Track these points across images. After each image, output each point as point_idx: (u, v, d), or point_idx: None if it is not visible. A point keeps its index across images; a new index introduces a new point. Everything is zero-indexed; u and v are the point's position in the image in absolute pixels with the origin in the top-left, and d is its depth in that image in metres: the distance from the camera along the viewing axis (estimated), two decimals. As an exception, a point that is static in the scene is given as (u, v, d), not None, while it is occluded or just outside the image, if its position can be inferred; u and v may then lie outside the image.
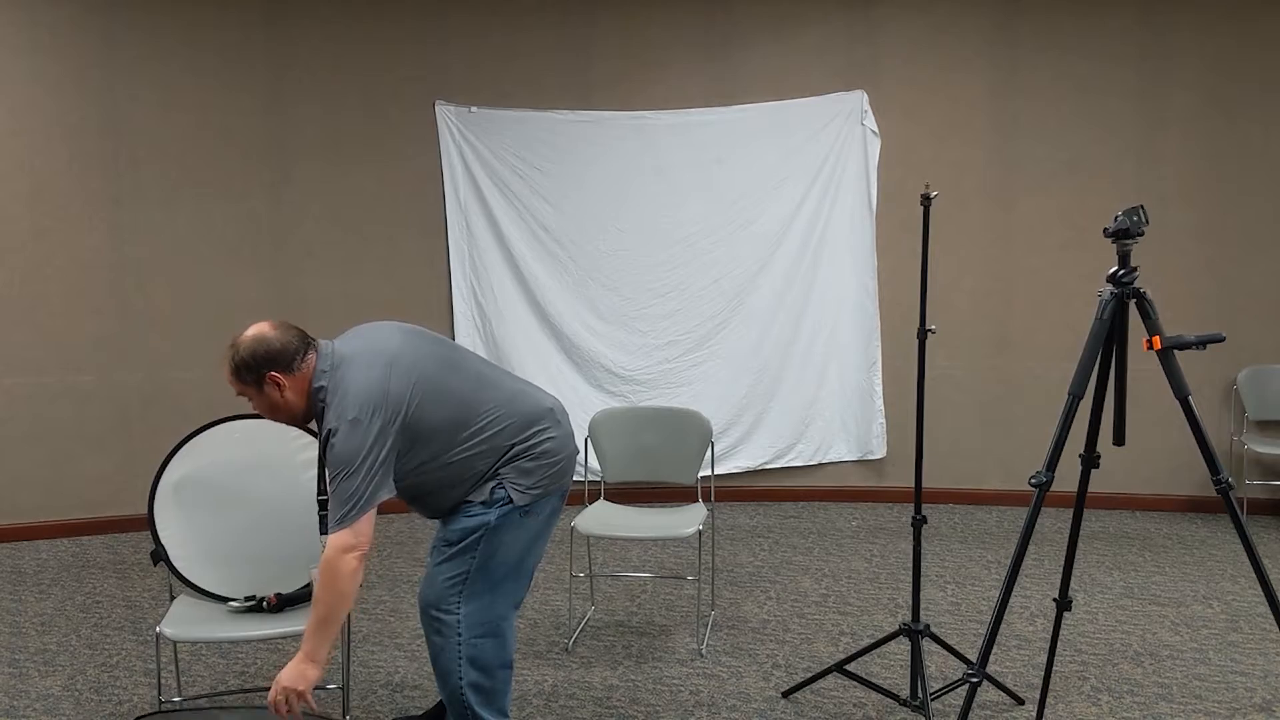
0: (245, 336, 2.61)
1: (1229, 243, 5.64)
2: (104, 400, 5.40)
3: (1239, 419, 5.64)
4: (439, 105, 5.71)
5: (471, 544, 2.66)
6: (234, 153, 5.52)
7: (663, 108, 5.79)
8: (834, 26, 5.81)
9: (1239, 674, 3.54)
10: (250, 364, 2.59)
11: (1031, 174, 5.74)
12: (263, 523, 3.10)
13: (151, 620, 4.00)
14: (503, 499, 2.66)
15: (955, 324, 5.65)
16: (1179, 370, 2.44)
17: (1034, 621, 4.03)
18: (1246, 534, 2.39)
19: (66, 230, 5.29)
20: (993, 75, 5.74)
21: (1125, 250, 2.53)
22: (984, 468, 5.85)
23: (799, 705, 3.30)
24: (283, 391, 2.60)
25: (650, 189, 5.83)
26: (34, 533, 5.28)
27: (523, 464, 2.69)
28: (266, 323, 2.65)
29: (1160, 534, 5.32)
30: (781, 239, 5.84)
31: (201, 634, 2.97)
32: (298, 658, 2.47)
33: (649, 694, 3.40)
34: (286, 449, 3.15)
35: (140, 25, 5.35)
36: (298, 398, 2.61)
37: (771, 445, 5.96)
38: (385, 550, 5.09)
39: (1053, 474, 2.48)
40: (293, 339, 2.64)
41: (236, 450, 3.16)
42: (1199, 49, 5.57)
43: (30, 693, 3.43)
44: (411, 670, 3.61)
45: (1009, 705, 3.28)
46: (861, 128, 5.79)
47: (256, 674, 3.59)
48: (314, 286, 5.64)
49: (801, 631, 3.96)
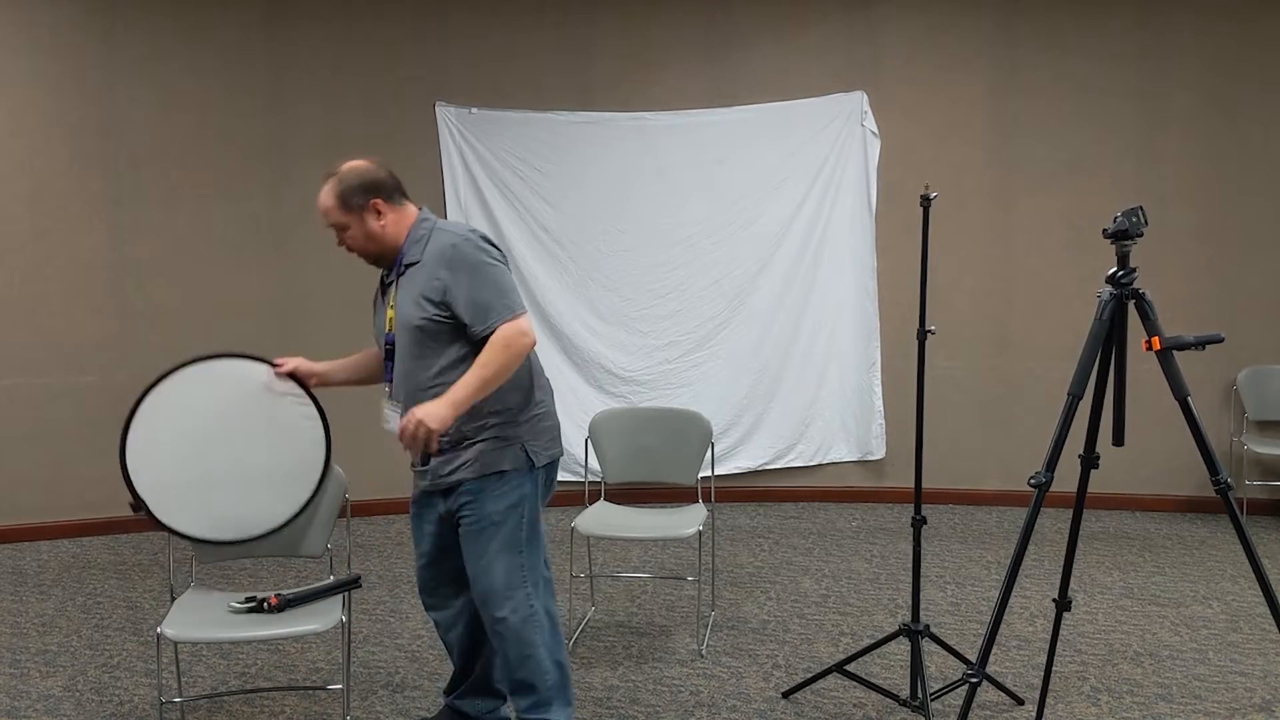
0: (347, 167, 2.72)
1: (1228, 243, 5.64)
2: (105, 401, 5.40)
3: (1239, 419, 5.65)
4: (439, 106, 5.71)
5: (517, 518, 2.74)
6: (234, 153, 5.52)
7: (663, 108, 5.79)
8: (834, 27, 5.82)
9: (1239, 674, 3.54)
10: (358, 189, 2.67)
11: (1031, 174, 5.74)
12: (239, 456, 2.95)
13: (152, 621, 4.01)
14: (527, 464, 2.74)
15: (955, 324, 5.66)
16: (1178, 371, 2.44)
17: (1034, 622, 4.03)
18: (1246, 534, 2.39)
19: (67, 231, 5.30)
20: (993, 76, 5.74)
21: (1125, 251, 2.53)
22: (984, 468, 5.85)
23: (799, 705, 3.31)
24: (382, 221, 2.69)
25: (650, 190, 5.83)
26: (35, 533, 5.29)
27: (539, 424, 2.79)
28: (361, 160, 2.77)
29: (1160, 534, 5.32)
30: (782, 240, 5.84)
31: (202, 635, 2.98)
32: (441, 400, 2.55)
33: (649, 694, 3.40)
34: (248, 387, 3.00)
35: (140, 26, 5.35)
36: (396, 231, 2.71)
37: (771, 446, 5.96)
38: (385, 551, 5.10)
39: (1052, 474, 2.49)
40: (391, 176, 2.75)
41: (199, 388, 2.97)
42: (1199, 49, 5.58)
43: (31, 693, 3.43)
44: (412, 671, 3.61)
45: (1009, 705, 3.28)
46: (861, 128, 5.79)
47: (257, 674, 3.59)
48: (314, 286, 5.64)
49: (801, 632, 3.97)
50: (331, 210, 2.69)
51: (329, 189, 2.69)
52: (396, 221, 2.72)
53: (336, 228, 2.71)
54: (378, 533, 5.40)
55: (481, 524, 2.73)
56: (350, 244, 2.74)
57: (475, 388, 2.57)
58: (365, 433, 5.54)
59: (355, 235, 2.71)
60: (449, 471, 2.73)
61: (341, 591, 3.05)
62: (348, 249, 2.77)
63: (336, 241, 2.76)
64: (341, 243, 2.75)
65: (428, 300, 2.63)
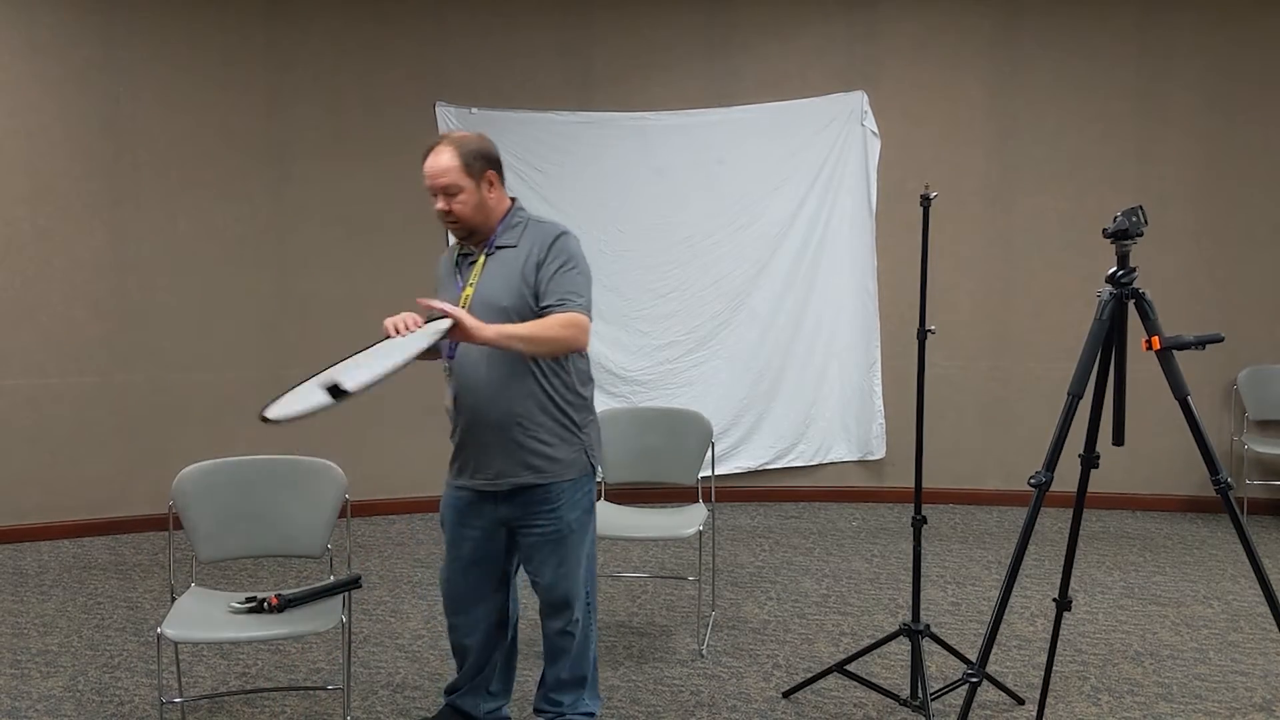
0: (462, 135, 2.75)
1: (1228, 243, 5.64)
2: (106, 401, 5.41)
3: (1239, 419, 5.65)
4: (439, 107, 5.70)
5: (590, 524, 2.86)
6: (234, 153, 5.52)
7: (663, 108, 5.79)
8: (834, 27, 5.82)
9: (1239, 674, 3.54)
10: (480, 155, 2.69)
11: (1031, 174, 5.74)
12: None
13: (153, 621, 4.00)
14: (590, 468, 2.82)
15: (955, 324, 5.66)
16: (1178, 370, 2.44)
17: (1034, 621, 4.03)
18: (1246, 534, 2.39)
19: (68, 231, 5.30)
20: (993, 75, 5.74)
21: (1124, 251, 2.54)
22: (984, 468, 5.85)
23: (799, 705, 3.31)
24: (493, 193, 2.72)
25: (650, 189, 5.83)
26: (36, 534, 5.28)
27: (594, 428, 2.85)
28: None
29: (1160, 534, 5.32)
30: (782, 239, 5.84)
31: (203, 635, 2.98)
32: (491, 325, 2.49)
33: (649, 694, 3.40)
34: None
35: (141, 26, 5.35)
36: (498, 209, 2.75)
37: (772, 446, 5.96)
38: (385, 551, 5.10)
39: (1052, 474, 2.49)
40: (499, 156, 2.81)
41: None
42: (1199, 49, 5.58)
43: (32, 694, 3.43)
44: (412, 671, 3.61)
45: (1009, 705, 3.28)
46: (861, 128, 5.79)
47: (258, 675, 3.59)
48: (314, 286, 5.65)
49: (802, 632, 3.97)
50: (452, 170, 2.65)
51: (449, 151, 2.66)
52: (499, 200, 2.74)
53: (449, 191, 2.66)
54: (378, 533, 5.40)
55: (562, 531, 2.77)
56: (459, 210, 2.67)
57: (524, 335, 2.53)
58: (365, 433, 5.56)
59: (467, 201, 2.67)
60: (524, 472, 2.70)
61: (342, 592, 3.05)
62: (448, 217, 2.70)
63: (441, 207, 2.68)
64: (447, 209, 2.68)
65: (525, 284, 2.66)
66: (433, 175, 2.67)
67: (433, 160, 2.68)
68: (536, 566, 2.81)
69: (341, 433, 5.56)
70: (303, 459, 3.26)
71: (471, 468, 2.77)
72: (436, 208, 2.70)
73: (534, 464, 2.72)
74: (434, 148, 2.71)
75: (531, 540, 2.79)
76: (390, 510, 5.68)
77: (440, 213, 2.70)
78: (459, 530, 2.86)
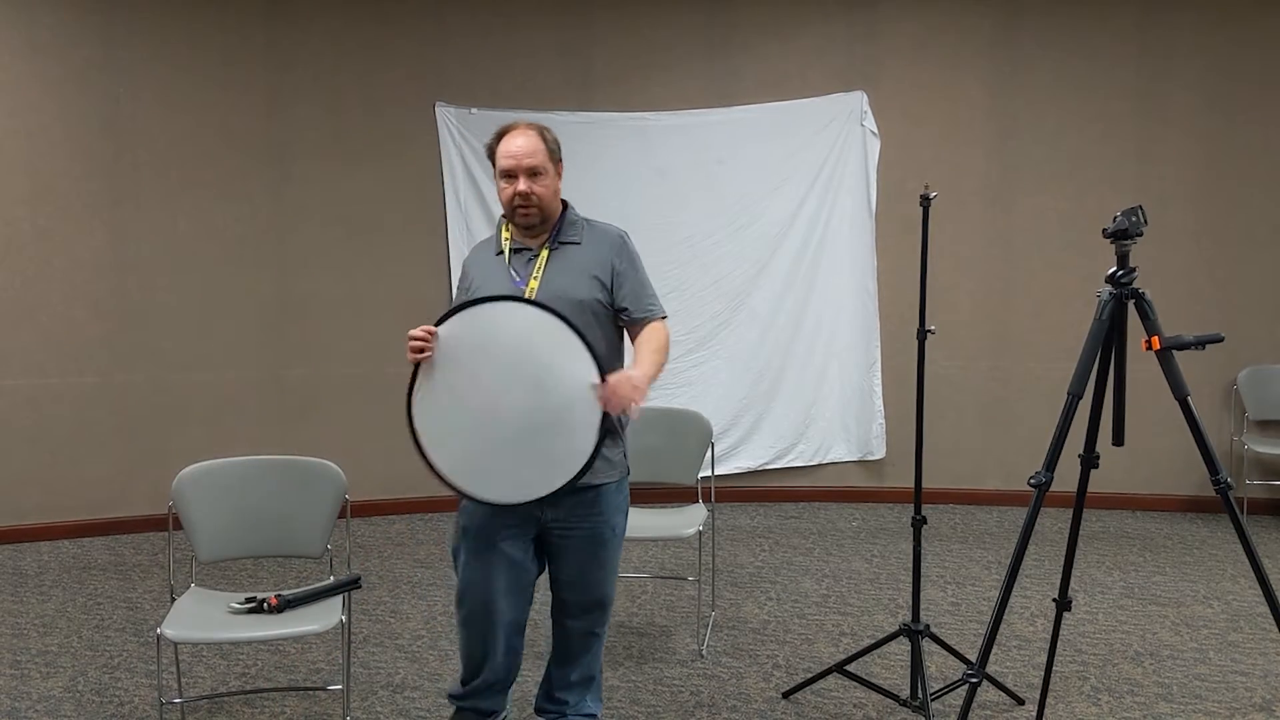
0: (538, 123, 2.73)
1: (1228, 243, 5.64)
2: (106, 401, 5.40)
3: (1239, 419, 5.65)
4: (439, 107, 5.71)
5: (624, 523, 2.85)
6: (234, 153, 5.52)
7: (663, 109, 5.79)
8: (834, 27, 5.82)
9: (1239, 674, 3.54)
10: (558, 147, 2.73)
11: (1031, 174, 5.74)
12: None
13: (153, 622, 4.00)
14: (628, 469, 2.83)
15: (955, 324, 5.66)
16: (1178, 370, 2.44)
17: (1034, 622, 4.03)
18: (1246, 534, 2.39)
19: (68, 231, 5.30)
20: (993, 76, 5.74)
21: (1124, 251, 2.53)
22: (984, 468, 5.85)
23: (799, 706, 3.31)
24: (559, 185, 2.74)
25: (650, 190, 5.83)
26: (35, 534, 5.28)
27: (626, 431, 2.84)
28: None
29: (1160, 534, 5.32)
30: (782, 239, 5.84)
31: (202, 635, 2.98)
32: (637, 370, 2.57)
33: (649, 695, 3.40)
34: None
35: (141, 26, 5.35)
36: (559, 202, 2.77)
37: (772, 446, 5.96)
38: (385, 551, 5.10)
39: (1052, 474, 2.49)
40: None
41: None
42: (1199, 49, 5.58)
43: (32, 694, 3.43)
44: (412, 671, 3.61)
45: (1009, 705, 3.28)
46: (861, 128, 5.79)
47: (258, 675, 3.59)
48: (314, 286, 5.65)
49: (802, 632, 3.97)
50: (540, 152, 2.65)
51: (534, 133, 2.66)
52: (559, 194, 2.75)
53: (534, 172, 2.64)
54: (377, 533, 5.40)
55: (606, 534, 2.77)
56: (540, 193, 2.65)
57: (660, 364, 2.63)
58: (365, 433, 5.56)
59: (548, 186, 2.68)
60: (586, 473, 2.60)
61: (341, 592, 3.05)
62: (526, 201, 2.64)
63: (522, 189, 2.62)
64: (529, 192, 2.63)
65: (597, 280, 2.69)
66: (522, 154, 2.63)
67: (522, 140, 2.64)
68: (576, 568, 2.77)
69: (341, 433, 5.57)
70: (302, 459, 3.26)
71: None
72: (516, 189, 2.63)
73: (600, 464, 2.67)
74: (513, 129, 2.67)
75: (573, 542, 2.74)
76: (390, 510, 5.68)
77: (518, 195, 2.64)
78: (491, 541, 2.72)
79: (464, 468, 2.57)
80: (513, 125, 2.69)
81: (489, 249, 2.79)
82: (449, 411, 2.56)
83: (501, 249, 2.74)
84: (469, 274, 2.79)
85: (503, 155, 2.65)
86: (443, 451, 2.57)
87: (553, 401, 2.53)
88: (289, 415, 5.59)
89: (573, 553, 2.76)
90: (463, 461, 2.57)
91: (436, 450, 2.57)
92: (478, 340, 2.55)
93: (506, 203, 2.68)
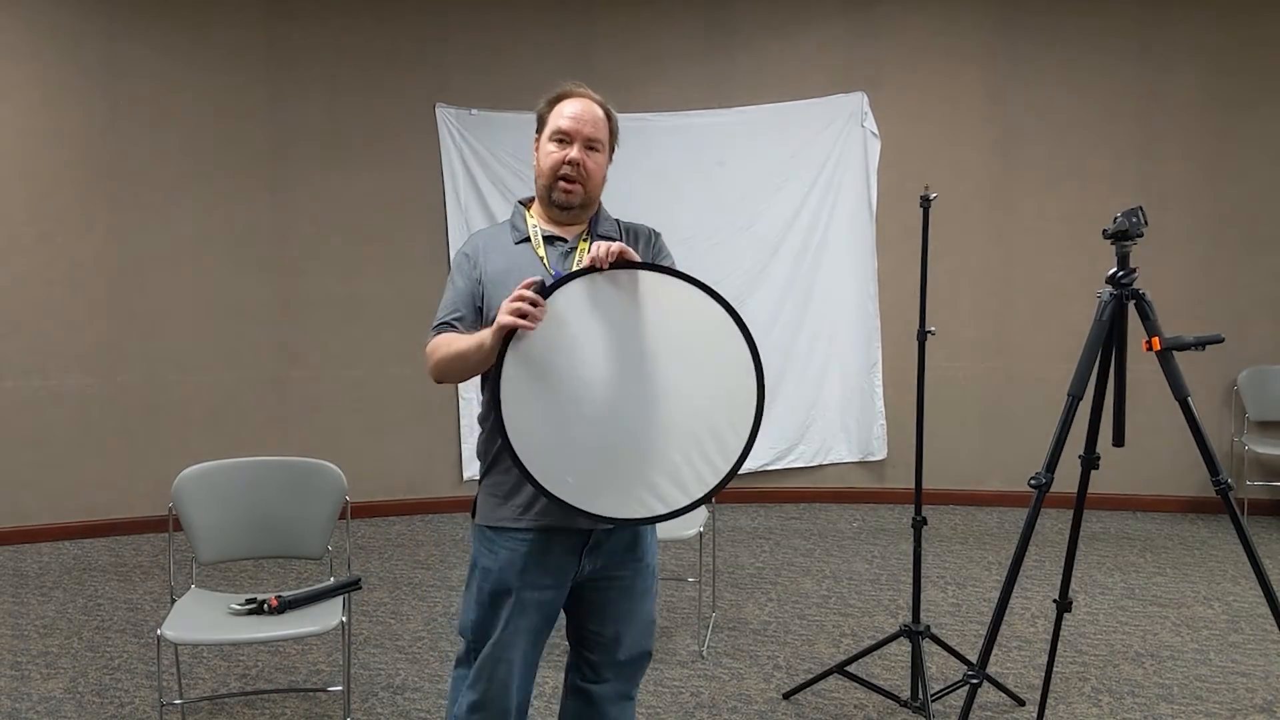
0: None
1: (1229, 243, 5.64)
2: (105, 403, 5.40)
3: (1239, 420, 5.64)
4: (439, 108, 5.71)
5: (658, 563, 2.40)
6: (234, 154, 5.52)
7: (663, 109, 5.79)
8: (834, 28, 5.82)
9: (1240, 675, 3.54)
10: (618, 134, 2.31)
11: (1031, 175, 5.74)
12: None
13: (153, 623, 4.00)
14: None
15: (955, 325, 5.66)
16: (1178, 371, 2.44)
17: (1034, 622, 4.03)
18: (1247, 535, 2.39)
19: (68, 233, 5.30)
20: (993, 76, 5.74)
21: (1125, 251, 2.53)
22: (984, 469, 5.85)
23: (800, 707, 3.31)
24: (607, 171, 2.32)
25: (650, 191, 5.82)
26: (36, 535, 5.28)
27: None
28: None
29: (1160, 535, 5.32)
30: (782, 241, 5.84)
31: (203, 636, 2.98)
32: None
33: (650, 695, 3.40)
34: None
35: (141, 26, 5.35)
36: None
37: (772, 447, 5.96)
38: (386, 553, 5.10)
39: (1052, 475, 2.48)
40: None
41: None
42: (1199, 50, 5.58)
43: (32, 695, 3.43)
44: (412, 673, 3.61)
45: (1010, 706, 3.28)
46: (862, 129, 5.79)
47: (258, 676, 3.59)
48: (314, 287, 5.65)
49: (802, 633, 3.96)
50: (603, 125, 2.23)
51: (598, 104, 2.24)
52: (605, 182, 2.32)
53: (593, 145, 2.20)
54: (378, 534, 5.40)
55: (649, 578, 2.30)
56: (593, 168, 2.21)
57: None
58: (365, 434, 5.56)
59: (601, 164, 2.25)
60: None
61: (342, 593, 3.05)
62: (575, 173, 2.19)
63: (575, 157, 2.19)
64: (581, 164, 2.19)
65: None
66: (584, 120, 2.20)
67: (585, 106, 2.21)
68: (615, 625, 2.27)
69: (341, 434, 5.58)
70: (302, 460, 3.26)
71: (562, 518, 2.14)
72: (569, 155, 2.18)
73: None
74: (576, 94, 2.24)
75: (614, 594, 2.25)
76: (390, 512, 5.68)
77: (569, 165, 2.18)
78: (525, 592, 2.18)
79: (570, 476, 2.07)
80: (574, 89, 2.25)
81: (502, 236, 2.29)
82: (553, 402, 2.05)
83: (528, 235, 2.26)
84: (479, 263, 2.25)
85: (561, 115, 2.20)
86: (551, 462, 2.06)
87: (706, 390, 2.12)
88: (289, 416, 5.59)
89: (613, 605, 2.26)
90: (567, 466, 2.06)
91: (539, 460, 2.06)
92: (610, 315, 2.09)
93: (550, 170, 2.19)
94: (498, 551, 2.19)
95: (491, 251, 2.27)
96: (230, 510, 3.15)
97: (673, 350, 2.12)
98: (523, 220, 2.29)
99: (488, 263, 2.25)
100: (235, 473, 3.20)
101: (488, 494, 2.23)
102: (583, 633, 2.30)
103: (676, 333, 2.14)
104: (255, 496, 3.18)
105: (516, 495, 2.17)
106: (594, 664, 2.32)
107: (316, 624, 2.91)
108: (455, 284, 2.28)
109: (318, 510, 3.15)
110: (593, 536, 2.18)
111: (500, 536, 2.19)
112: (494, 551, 2.20)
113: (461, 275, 2.27)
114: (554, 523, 2.14)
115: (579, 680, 2.34)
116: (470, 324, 2.21)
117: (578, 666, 2.35)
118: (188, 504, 3.10)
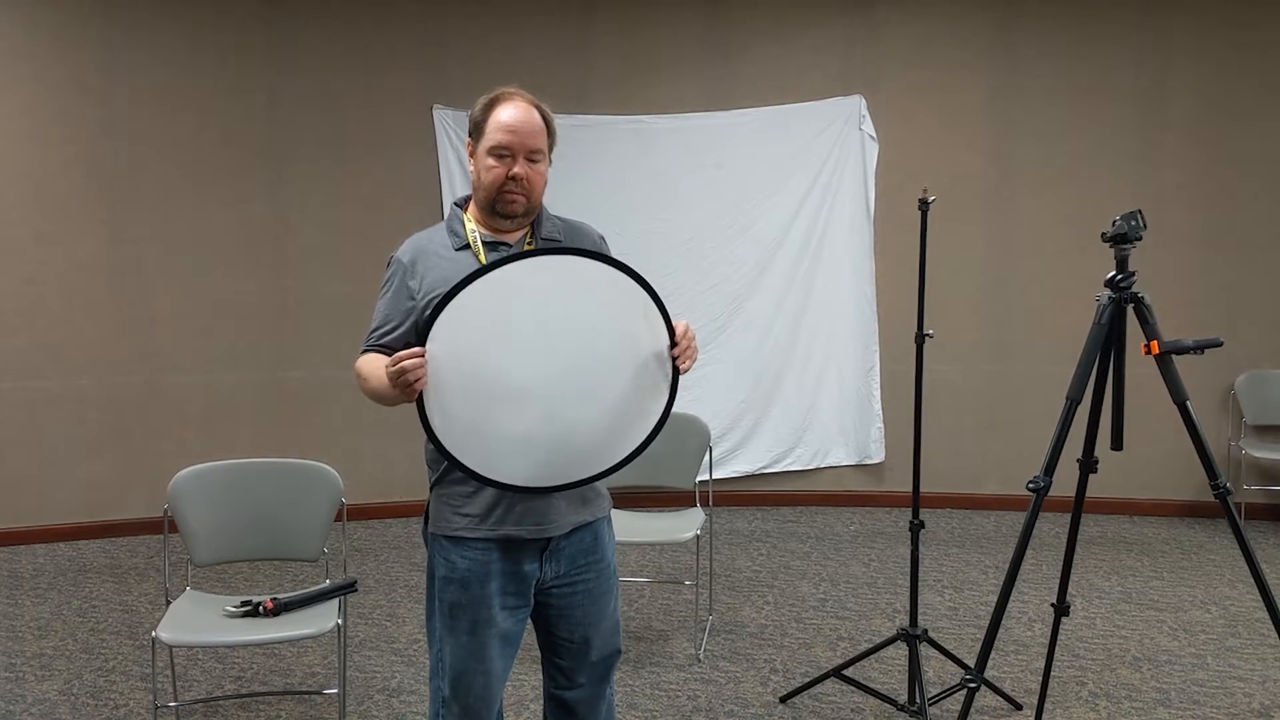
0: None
1: (1227, 247, 5.64)
2: (102, 404, 5.39)
3: (1237, 424, 5.64)
4: (437, 109, 5.70)
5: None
6: (233, 155, 5.52)
7: (661, 112, 5.79)
8: (832, 31, 5.82)
9: (1237, 679, 3.53)
10: (555, 132, 2.23)
11: (1030, 178, 5.74)
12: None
13: (148, 625, 3.99)
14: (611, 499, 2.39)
15: (953, 328, 5.65)
16: (1177, 375, 2.44)
17: (1032, 627, 4.03)
18: (1245, 539, 2.38)
19: (66, 233, 5.29)
20: (991, 79, 5.74)
21: (1123, 255, 2.53)
22: (982, 472, 5.85)
23: (797, 710, 3.30)
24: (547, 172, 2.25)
25: (648, 193, 5.82)
26: (31, 537, 5.27)
27: None
28: None
29: (1158, 539, 5.31)
30: (780, 243, 5.84)
31: (198, 639, 2.97)
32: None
33: (646, 699, 3.39)
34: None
35: (140, 28, 5.34)
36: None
37: (770, 449, 5.95)
38: (382, 555, 5.09)
39: (1050, 479, 2.48)
40: None
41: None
42: (1198, 52, 5.58)
43: (27, 697, 3.42)
44: (408, 675, 3.60)
45: (1007, 710, 3.28)
46: (860, 132, 5.79)
47: (253, 679, 3.58)
48: (313, 288, 5.64)
49: (799, 636, 3.96)
50: (541, 133, 2.17)
51: (535, 110, 2.17)
52: (547, 184, 2.27)
53: (533, 154, 2.16)
54: (374, 537, 5.39)
55: (610, 578, 2.29)
56: (534, 179, 2.17)
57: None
58: (361, 436, 5.55)
59: (543, 171, 2.20)
60: (583, 509, 2.21)
61: (337, 595, 3.05)
62: (518, 187, 2.15)
63: (517, 172, 2.14)
64: (524, 176, 2.15)
65: None
66: (523, 131, 2.14)
67: (524, 114, 2.15)
68: (583, 628, 2.25)
69: (337, 436, 5.57)
70: (299, 462, 3.26)
71: (520, 509, 2.14)
72: (511, 171, 2.14)
73: (589, 496, 2.24)
74: (509, 99, 2.18)
75: (578, 598, 2.24)
76: (386, 514, 5.67)
77: (511, 180, 2.14)
78: (489, 604, 2.16)
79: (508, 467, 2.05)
80: (508, 93, 2.20)
81: (438, 244, 2.21)
82: (479, 422, 2.02)
83: (468, 242, 2.19)
84: (418, 272, 2.18)
85: (498, 129, 2.15)
86: (503, 465, 2.04)
87: (617, 360, 2.14)
88: (285, 418, 5.57)
89: (578, 609, 2.25)
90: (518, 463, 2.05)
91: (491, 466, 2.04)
92: (486, 326, 2.01)
93: (492, 185, 2.15)
94: (455, 561, 2.17)
95: (430, 257, 2.20)
96: (226, 512, 3.15)
97: (590, 325, 2.10)
98: (461, 225, 2.22)
99: (428, 271, 2.18)
100: (231, 474, 3.19)
101: (442, 502, 2.20)
102: (552, 640, 2.28)
103: (592, 310, 2.10)
104: (251, 498, 3.17)
105: (470, 504, 2.15)
106: (566, 670, 2.30)
107: (312, 626, 2.91)
108: (389, 294, 2.24)
109: (314, 512, 3.15)
110: (551, 542, 2.17)
111: (458, 547, 2.16)
112: (451, 561, 2.17)
113: (397, 285, 2.23)
114: (511, 532, 2.13)
115: (554, 689, 2.33)
116: (403, 336, 2.19)
117: (551, 675, 2.33)
118: (184, 505, 3.10)
